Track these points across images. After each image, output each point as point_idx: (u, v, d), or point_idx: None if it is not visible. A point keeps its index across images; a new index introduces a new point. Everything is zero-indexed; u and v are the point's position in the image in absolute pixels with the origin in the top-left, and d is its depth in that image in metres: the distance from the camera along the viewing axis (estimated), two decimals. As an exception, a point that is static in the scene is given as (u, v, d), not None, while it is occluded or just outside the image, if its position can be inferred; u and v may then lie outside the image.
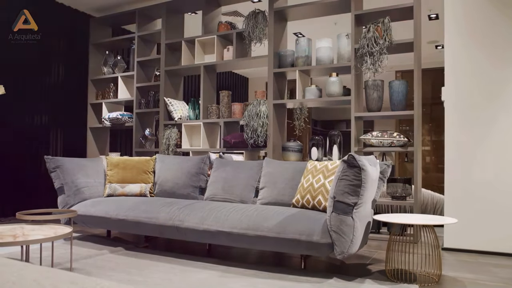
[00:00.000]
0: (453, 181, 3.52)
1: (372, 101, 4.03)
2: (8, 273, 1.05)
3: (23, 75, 5.02)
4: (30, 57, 5.09)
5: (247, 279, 2.55)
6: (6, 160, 4.82)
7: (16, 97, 4.89)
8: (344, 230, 2.46)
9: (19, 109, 4.98)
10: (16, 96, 4.88)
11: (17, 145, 4.95)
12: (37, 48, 5.15)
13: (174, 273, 2.68)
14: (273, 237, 2.62)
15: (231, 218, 2.82)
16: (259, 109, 4.33)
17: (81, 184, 3.68)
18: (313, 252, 2.59)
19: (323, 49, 4.27)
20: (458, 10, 3.57)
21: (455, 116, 3.53)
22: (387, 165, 3.00)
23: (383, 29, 3.86)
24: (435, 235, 2.58)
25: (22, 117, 5.02)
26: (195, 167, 3.77)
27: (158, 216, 3.09)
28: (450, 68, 3.58)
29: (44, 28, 5.24)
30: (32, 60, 5.12)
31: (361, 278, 2.62)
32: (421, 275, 2.68)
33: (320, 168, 3.00)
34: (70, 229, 2.20)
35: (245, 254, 3.32)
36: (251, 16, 4.52)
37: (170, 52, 5.15)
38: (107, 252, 3.18)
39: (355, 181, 2.44)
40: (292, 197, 3.21)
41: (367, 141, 3.96)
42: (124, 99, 5.40)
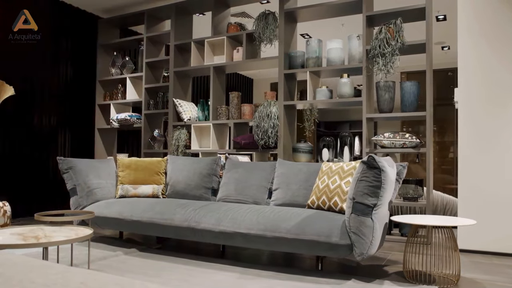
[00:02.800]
0: (466, 182, 3.52)
1: (383, 102, 4.03)
2: (53, 275, 1.05)
3: (31, 76, 5.01)
4: (38, 58, 5.08)
5: (265, 280, 2.55)
6: (15, 161, 4.81)
7: (24, 98, 4.89)
8: (363, 232, 2.45)
9: (27, 110, 4.97)
10: (24, 97, 4.87)
11: (25, 145, 4.94)
12: (45, 49, 5.14)
13: (191, 274, 2.67)
14: (292, 238, 2.62)
15: (248, 219, 2.81)
16: (270, 110, 4.32)
17: (93, 185, 3.68)
18: (332, 253, 2.58)
19: (334, 50, 4.27)
20: (471, 11, 3.57)
21: (468, 117, 3.53)
22: (403, 166, 2.99)
23: (395, 30, 3.86)
24: (453, 236, 2.58)
25: (30, 118, 5.01)
26: (207, 168, 3.76)
27: (173, 218, 3.08)
28: (463, 69, 3.58)
29: (52, 29, 5.24)
30: (40, 61, 5.12)
31: (380, 279, 2.61)
32: (439, 277, 2.67)
33: (335, 169, 3.00)
34: (91, 231, 2.20)
35: (259, 255, 3.32)
36: (261, 17, 4.51)
37: (179, 53, 5.14)
38: (121, 254, 3.17)
39: (374, 182, 2.44)
40: (306, 198, 3.20)
41: (379, 142, 3.96)
42: (132, 100, 5.39)
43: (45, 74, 5.18)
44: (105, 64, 5.74)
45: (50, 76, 5.24)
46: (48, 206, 5.11)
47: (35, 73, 5.07)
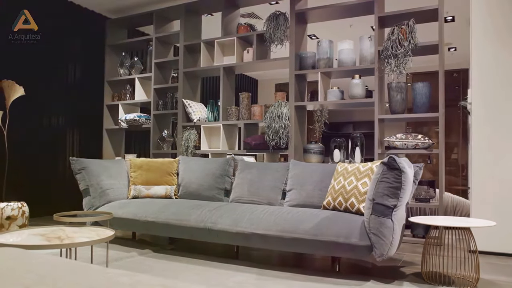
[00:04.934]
0: (480, 183, 3.51)
1: (395, 103, 4.03)
2: (94, 276, 1.04)
3: (39, 76, 5.00)
4: (46, 58, 5.07)
5: (285, 281, 2.54)
6: (25, 161, 4.80)
7: (32, 98, 4.87)
8: (384, 233, 2.45)
9: (35, 110, 4.96)
10: (32, 97, 4.86)
11: (33, 145, 4.93)
12: (53, 49, 5.13)
13: (209, 276, 2.66)
14: (310, 239, 2.61)
15: (265, 220, 2.81)
16: (281, 111, 4.32)
17: (106, 185, 3.67)
18: (351, 255, 2.57)
19: (345, 51, 4.26)
20: (484, 11, 3.56)
21: (482, 117, 3.52)
22: (419, 167, 2.99)
23: (407, 31, 3.85)
24: (473, 238, 2.57)
25: (39, 118, 5.00)
26: (220, 169, 3.75)
27: (189, 219, 3.07)
28: (477, 69, 3.56)
29: (61, 29, 5.23)
30: (48, 61, 5.10)
31: (398, 280, 2.60)
32: (458, 278, 2.66)
33: (351, 170, 2.99)
34: (112, 232, 2.19)
35: (273, 256, 3.31)
36: (272, 17, 4.51)
37: (188, 54, 5.14)
38: (136, 255, 3.16)
39: (395, 184, 2.43)
40: (321, 199, 3.20)
41: (391, 143, 3.95)
42: (141, 101, 5.38)
43: (53, 74, 5.16)
44: (113, 64, 5.73)
45: (59, 76, 5.23)
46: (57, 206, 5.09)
47: (44, 73, 5.05)
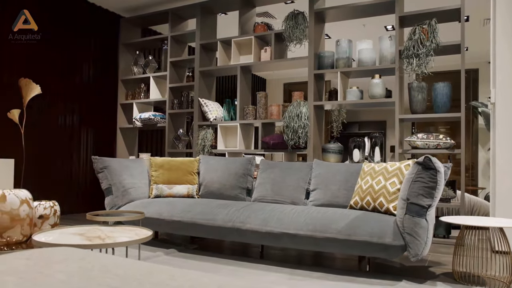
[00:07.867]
0: (501, 182, 3.50)
1: (416, 103, 4.02)
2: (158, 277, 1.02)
3: (53, 75, 4.98)
4: (60, 57, 5.05)
5: (317, 281, 2.53)
6: (40, 160, 4.78)
7: (46, 97, 4.86)
8: (418, 233, 2.44)
9: (50, 109, 4.94)
10: (46, 96, 4.84)
11: (48, 144, 4.91)
12: (67, 48, 5.12)
13: (240, 275, 2.65)
14: (343, 239, 2.60)
15: (295, 220, 2.80)
16: (300, 110, 4.31)
17: (128, 185, 3.65)
18: (384, 254, 2.57)
19: (365, 51, 4.26)
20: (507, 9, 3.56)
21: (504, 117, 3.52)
22: (447, 167, 2.98)
23: (429, 31, 3.85)
24: (506, 238, 2.57)
25: (53, 117, 4.98)
26: (242, 168, 3.74)
27: (216, 218, 3.06)
28: (500, 68, 3.56)
29: (75, 28, 5.22)
30: (63, 60, 5.09)
31: (430, 280, 2.60)
32: (490, 279, 2.66)
33: (379, 170, 2.98)
34: (151, 232, 2.18)
35: (299, 256, 3.30)
36: (290, 17, 4.50)
37: (204, 53, 5.12)
38: (162, 254, 3.15)
39: (430, 183, 2.43)
40: (347, 199, 3.19)
41: (412, 143, 3.95)
42: (156, 99, 5.37)
43: (67, 72, 5.15)
44: (127, 63, 5.71)
45: (73, 75, 5.21)
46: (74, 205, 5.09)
47: (59, 72, 5.04)
